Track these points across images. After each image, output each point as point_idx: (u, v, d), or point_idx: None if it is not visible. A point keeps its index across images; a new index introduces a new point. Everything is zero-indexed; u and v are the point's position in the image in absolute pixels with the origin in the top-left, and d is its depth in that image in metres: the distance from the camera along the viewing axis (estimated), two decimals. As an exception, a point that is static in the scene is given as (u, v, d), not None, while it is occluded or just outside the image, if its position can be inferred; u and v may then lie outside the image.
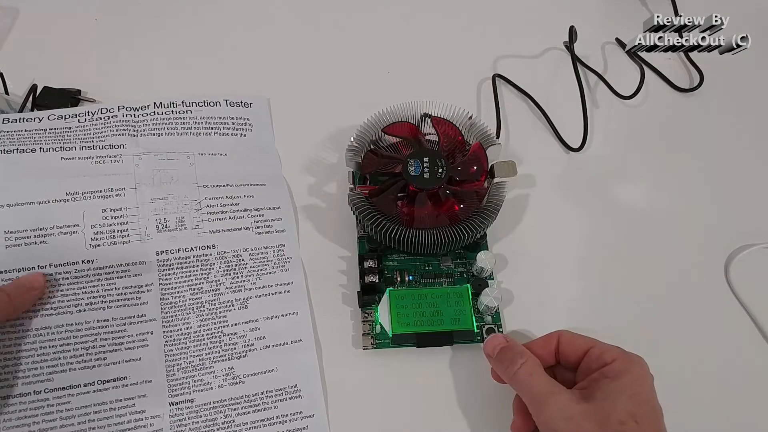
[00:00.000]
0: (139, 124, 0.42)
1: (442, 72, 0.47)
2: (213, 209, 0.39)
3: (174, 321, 0.36)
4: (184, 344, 0.35)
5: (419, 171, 0.37)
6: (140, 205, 0.38)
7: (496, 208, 0.37)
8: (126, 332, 0.35)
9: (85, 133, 0.41)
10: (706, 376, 0.36)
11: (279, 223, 0.40)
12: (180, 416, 0.34)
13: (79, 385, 0.33)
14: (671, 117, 0.46)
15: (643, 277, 0.39)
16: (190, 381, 0.34)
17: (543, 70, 0.48)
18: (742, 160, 0.44)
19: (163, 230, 0.38)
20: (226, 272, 0.38)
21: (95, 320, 0.35)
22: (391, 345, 0.35)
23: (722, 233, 0.41)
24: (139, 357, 0.35)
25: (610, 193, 0.42)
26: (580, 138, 0.44)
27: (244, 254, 0.38)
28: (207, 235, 0.38)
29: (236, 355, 0.35)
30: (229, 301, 0.37)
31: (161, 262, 0.37)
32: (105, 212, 0.38)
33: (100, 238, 0.37)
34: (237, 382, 0.35)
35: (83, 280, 0.36)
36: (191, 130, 0.43)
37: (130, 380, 0.34)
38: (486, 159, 0.38)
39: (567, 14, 0.49)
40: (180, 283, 0.37)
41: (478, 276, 0.38)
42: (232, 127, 0.43)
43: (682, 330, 0.37)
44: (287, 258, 0.39)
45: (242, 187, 0.40)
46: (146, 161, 0.40)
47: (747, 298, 0.38)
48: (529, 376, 0.30)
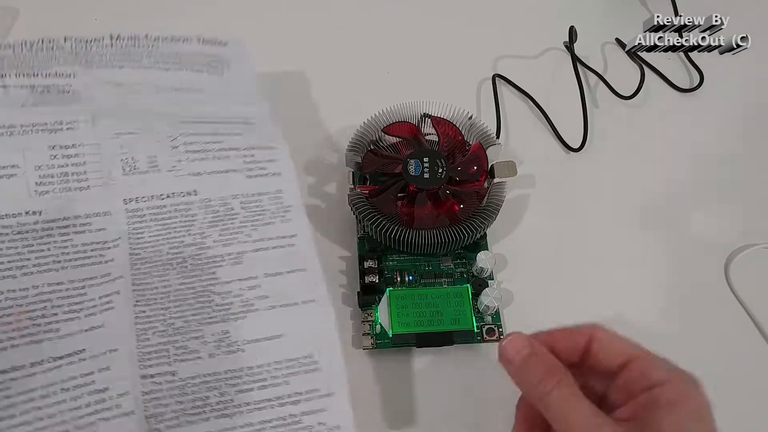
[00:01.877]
0: (93, 55, 0.34)
1: (442, 72, 0.47)
2: (192, 147, 0.32)
3: (147, 278, 0.29)
4: (161, 304, 0.28)
5: (419, 171, 0.37)
6: (100, 140, 0.31)
7: (496, 209, 0.37)
8: (86, 296, 0.28)
9: (23, 63, 0.33)
10: (705, 376, 0.36)
11: (274, 164, 0.33)
12: (157, 393, 0.27)
13: (23, 365, 0.26)
14: (671, 117, 0.46)
15: (643, 276, 0.39)
16: (170, 348, 0.28)
17: (543, 70, 0.48)
18: (742, 160, 0.44)
19: (131, 172, 0.31)
20: (213, 223, 0.31)
21: (45, 284, 0.28)
22: (391, 345, 0.35)
23: (722, 233, 0.41)
24: (101, 323, 0.28)
25: (610, 193, 0.42)
26: (580, 138, 0.44)
27: (234, 202, 0.32)
28: (186, 178, 0.31)
29: (232, 317, 0.29)
30: (218, 255, 0.30)
31: (131, 213, 0.30)
32: (53, 150, 0.30)
33: (48, 182, 0.29)
34: (234, 350, 0.28)
35: (29, 236, 0.28)
36: (159, 64, 0.35)
37: (88, 352, 0.27)
38: (486, 159, 0.38)
39: (567, 14, 0.49)
40: (155, 237, 0.30)
41: (478, 276, 0.38)
42: (207, 63, 0.36)
43: (682, 330, 0.37)
44: (287, 206, 0.32)
45: (226, 124, 0.34)
46: (105, 92, 0.32)
47: (747, 298, 0.38)
48: (564, 402, 0.23)
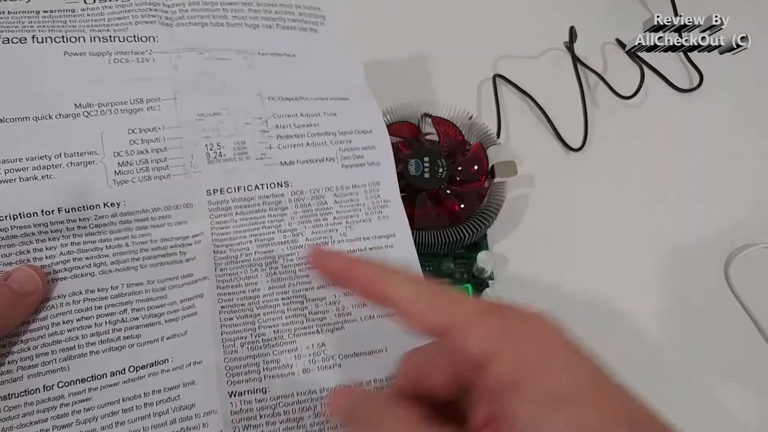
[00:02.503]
0: (173, 8, 0.30)
1: (443, 72, 0.47)
2: (285, 131, 0.29)
3: (234, 281, 0.26)
4: (249, 311, 0.26)
5: (419, 171, 0.37)
6: (183, 123, 0.28)
7: (497, 208, 0.37)
8: (167, 299, 0.25)
9: (96, 18, 0.29)
10: (705, 376, 0.36)
11: (372, 153, 0.30)
12: (247, 412, 0.24)
13: (104, 374, 0.24)
14: (671, 117, 0.46)
15: (643, 276, 0.39)
16: (260, 362, 0.25)
17: (543, 70, 0.48)
18: (742, 160, 0.44)
19: (216, 160, 0.28)
20: (304, 218, 0.28)
21: (124, 284, 0.25)
22: (391, 345, 0.35)
23: (722, 233, 0.41)
24: (184, 331, 0.25)
25: (610, 193, 0.42)
26: (580, 138, 0.44)
27: (328, 195, 0.29)
28: (277, 168, 0.28)
29: (328, 328, 0.26)
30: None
31: (214, 205, 0.27)
32: (133, 134, 0.27)
33: (127, 171, 0.26)
34: (331, 365, 0.25)
35: (107, 229, 0.26)
36: (246, 20, 0.31)
37: (172, 363, 0.24)
38: (486, 159, 0.39)
39: (567, 14, 0.50)
40: (241, 232, 0.27)
41: (479, 276, 0.38)
42: (300, 19, 0.33)
43: (682, 330, 0.37)
44: (385, 201, 0.29)
45: (321, 102, 0.30)
46: (188, 61, 0.29)
47: (747, 298, 0.38)
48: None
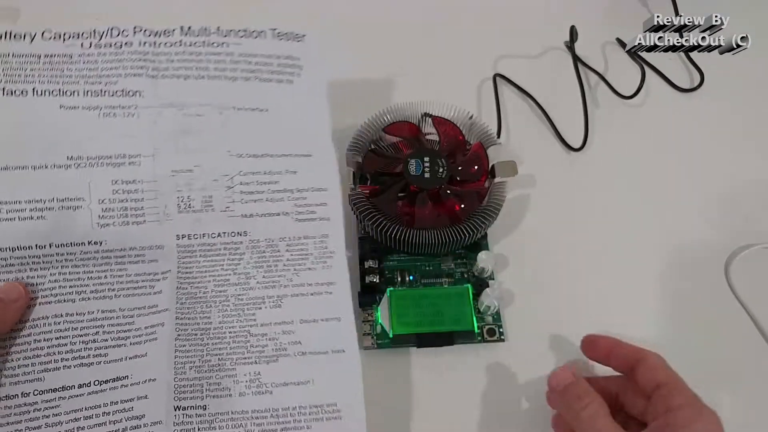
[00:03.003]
0: (160, 57, 0.34)
1: (443, 71, 0.47)
2: (248, 188, 0.33)
3: (191, 314, 0.31)
4: (200, 340, 0.30)
5: (420, 171, 0.37)
6: (159, 178, 0.32)
7: (497, 208, 0.37)
8: (134, 324, 0.30)
9: (91, 68, 0.33)
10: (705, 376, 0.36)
11: (324, 209, 0.34)
12: (187, 424, 0.28)
13: (72, 386, 0.28)
14: (671, 117, 0.46)
15: (643, 276, 0.39)
16: (204, 384, 0.29)
17: (544, 69, 0.48)
18: (743, 160, 0.44)
19: (185, 210, 0.32)
20: (257, 264, 0.32)
21: (99, 310, 0.30)
22: (391, 345, 0.35)
23: (722, 233, 0.41)
24: (144, 353, 0.29)
25: (611, 192, 0.42)
26: (580, 138, 0.44)
27: (281, 244, 0.32)
28: (238, 219, 0.32)
29: (265, 359, 0.30)
30: (259, 297, 0.32)
31: (182, 248, 0.32)
32: (116, 184, 0.31)
33: (109, 216, 0.31)
34: (263, 391, 0.29)
35: (90, 263, 0.30)
36: (226, 72, 0.35)
37: (130, 379, 0.29)
38: (487, 159, 0.39)
39: (568, 14, 0.50)
40: (202, 273, 0.31)
41: (479, 276, 0.38)
42: (278, 70, 0.36)
43: (682, 330, 0.37)
44: (330, 252, 0.33)
45: (284, 159, 0.34)
46: (168, 117, 0.33)
47: (747, 298, 0.38)
48: (591, 419, 0.28)
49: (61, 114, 0.32)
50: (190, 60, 0.35)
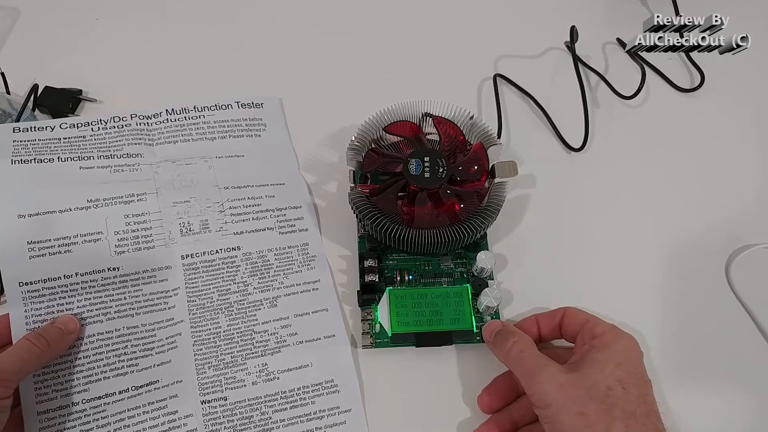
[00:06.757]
0: (153, 132, 0.42)
1: (444, 71, 0.47)
2: (236, 211, 0.39)
3: (202, 321, 0.36)
4: (213, 343, 0.35)
5: (420, 170, 0.37)
6: (162, 209, 0.38)
7: (497, 208, 0.37)
8: (156, 336, 0.35)
9: (101, 142, 0.41)
10: (706, 375, 0.36)
11: (301, 222, 0.40)
12: (213, 414, 0.34)
13: (113, 392, 0.33)
14: (671, 117, 0.46)
15: (644, 276, 0.39)
16: (222, 379, 0.35)
17: (544, 70, 0.48)
18: (743, 160, 0.44)
19: (187, 234, 0.38)
20: (252, 273, 0.38)
21: (125, 327, 0.35)
22: (390, 344, 0.35)
23: (722, 233, 0.41)
24: (169, 359, 0.35)
25: (611, 193, 0.42)
26: (581, 138, 0.44)
27: (269, 254, 0.38)
28: (231, 237, 0.38)
29: (269, 352, 0.35)
30: (258, 300, 0.37)
31: (187, 266, 0.37)
32: (128, 218, 0.37)
33: (124, 244, 0.37)
34: (271, 378, 0.35)
35: (110, 287, 0.36)
36: (206, 135, 0.43)
37: (161, 383, 0.34)
38: (487, 159, 0.38)
39: (568, 14, 0.50)
40: (207, 285, 0.37)
41: (478, 276, 0.38)
42: (247, 129, 0.43)
43: (682, 330, 0.37)
44: (312, 256, 0.39)
45: (263, 188, 0.40)
46: (165, 168, 0.40)
47: (747, 298, 0.38)
48: (519, 352, 0.31)
49: (81, 173, 0.39)
50: (176, 131, 0.43)
